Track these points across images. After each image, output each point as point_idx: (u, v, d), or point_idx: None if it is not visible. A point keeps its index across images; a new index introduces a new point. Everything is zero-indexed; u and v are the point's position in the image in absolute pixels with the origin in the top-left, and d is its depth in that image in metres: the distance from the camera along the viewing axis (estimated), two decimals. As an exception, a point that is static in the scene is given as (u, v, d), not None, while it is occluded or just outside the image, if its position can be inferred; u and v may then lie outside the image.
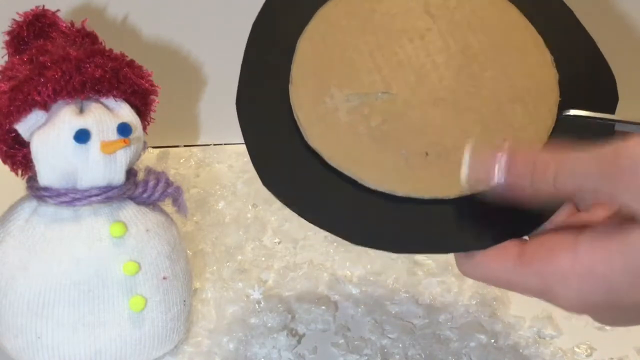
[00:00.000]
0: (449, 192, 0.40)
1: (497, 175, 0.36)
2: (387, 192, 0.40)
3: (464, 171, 0.37)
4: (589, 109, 0.41)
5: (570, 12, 0.45)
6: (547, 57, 0.43)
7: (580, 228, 0.36)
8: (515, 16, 0.44)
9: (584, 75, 0.43)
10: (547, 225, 0.40)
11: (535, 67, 0.43)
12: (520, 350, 0.56)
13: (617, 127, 0.41)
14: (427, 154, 0.40)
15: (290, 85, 0.42)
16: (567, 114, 0.41)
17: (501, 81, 0.42)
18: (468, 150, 0.37)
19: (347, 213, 0.40)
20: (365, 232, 0.39)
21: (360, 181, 0.40)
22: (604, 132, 0.41)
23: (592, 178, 0.34)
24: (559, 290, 0.36)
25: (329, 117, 0.41)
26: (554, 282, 0.36)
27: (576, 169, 0.34)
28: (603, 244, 0.34)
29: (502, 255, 0.38)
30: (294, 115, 0.41)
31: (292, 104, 0.42)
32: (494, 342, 0.57)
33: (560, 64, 0.43)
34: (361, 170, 0.40)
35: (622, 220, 0.34)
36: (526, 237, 0.39)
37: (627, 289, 0.34)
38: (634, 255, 0.33)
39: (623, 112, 0.43)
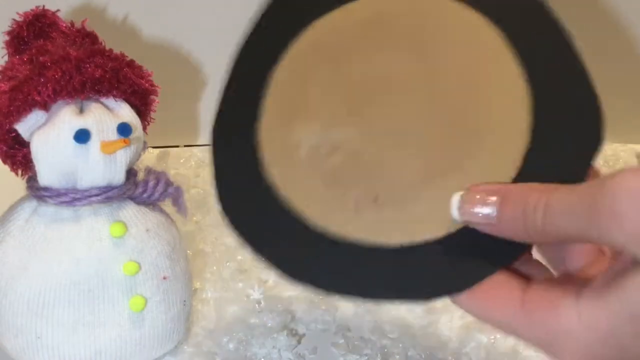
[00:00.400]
0: (390, 238, 0.38)
1: (489, 212, 0.35)
2: (332, 234, 0.39)
3: (455, 206, 0.36)
4: (561, 156, 0.38)
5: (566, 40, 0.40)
6: (524, 101, 0.39)
7: (584, 279, 0.35)
8: (499, 45, 0.40)
9: (566, 118, 0.38)
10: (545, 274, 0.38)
11: (508, 110, 0.39)
12: (520, 351, 0.56)
13: None
14: (376, 198, 0.39)
15: (261, 118, 0.42)
16: None
17: (469, 123, 0.39)
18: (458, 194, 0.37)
19: (293, 251, 0.40)
20: (308, 272, 0.39)
21: (307, 220, 0.40)
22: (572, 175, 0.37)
23: (576, 216, 0.32)
24: (565, 345, 0.34)
25: (291, 153, 0.41)
26: (559, 337, 0.34)
27: (560, 206, 0.33)
28: (605, 295, 0.33)
29: (504, 300, 0.36)
30: (260, 148, 0.42)
31: (259, 137, 0.42)
32: (494, 342, 0.57)
33: (539, 106, 0.39)
34: (310, 209, 0.40)
35: (623, 265, 0.33)
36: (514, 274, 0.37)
37: (633, 340, 0.32)
38: (636, 303, 0.32)
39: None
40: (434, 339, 0.57)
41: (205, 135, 0.79)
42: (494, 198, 0.35)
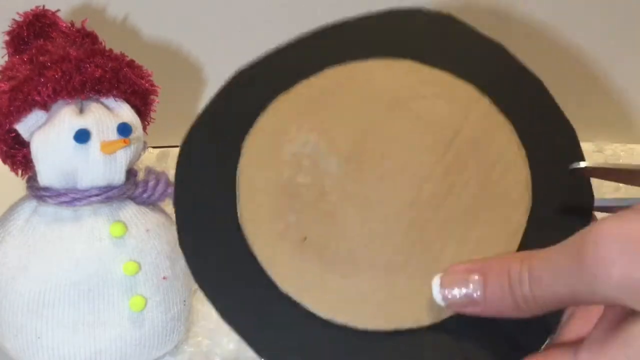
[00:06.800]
0: (288, 286, 0.37)
1: (473, 291, 0.33)
2: (252, 252, 0.38)
3: (436, 290, 0.34)
4: None
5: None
6: (513, 245, 0.37)
7: (579, 340, 0.33)
8: (520, 192, 0.38)
9: None
10: None
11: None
12: (520, 351, 0.56)
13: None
14: (305, 238, 0.37)
15: (272, 103, 0.41)
16: (577, 167, 0.37)
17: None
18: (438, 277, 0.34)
19: (211, 225, 0.39)
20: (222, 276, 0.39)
21: (239, 215, 0.39)
22: None
23: (563, 273, 0.30)
24: None
25: (279, 143, 0.39)
26: None
27: (545, 268, 0.31)
28: (605, 350, 0.31)
29: None
30: (259, 119, 0.40)
31: (266, 110, 0.41)
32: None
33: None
34: (245, 207, 0.39)
35: (617, 318, 0.31)
36: None
37: None
38: (637, 355, 0.30)
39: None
40: (434, 339, 0.57)
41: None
42: (475, 276, 0.33)
